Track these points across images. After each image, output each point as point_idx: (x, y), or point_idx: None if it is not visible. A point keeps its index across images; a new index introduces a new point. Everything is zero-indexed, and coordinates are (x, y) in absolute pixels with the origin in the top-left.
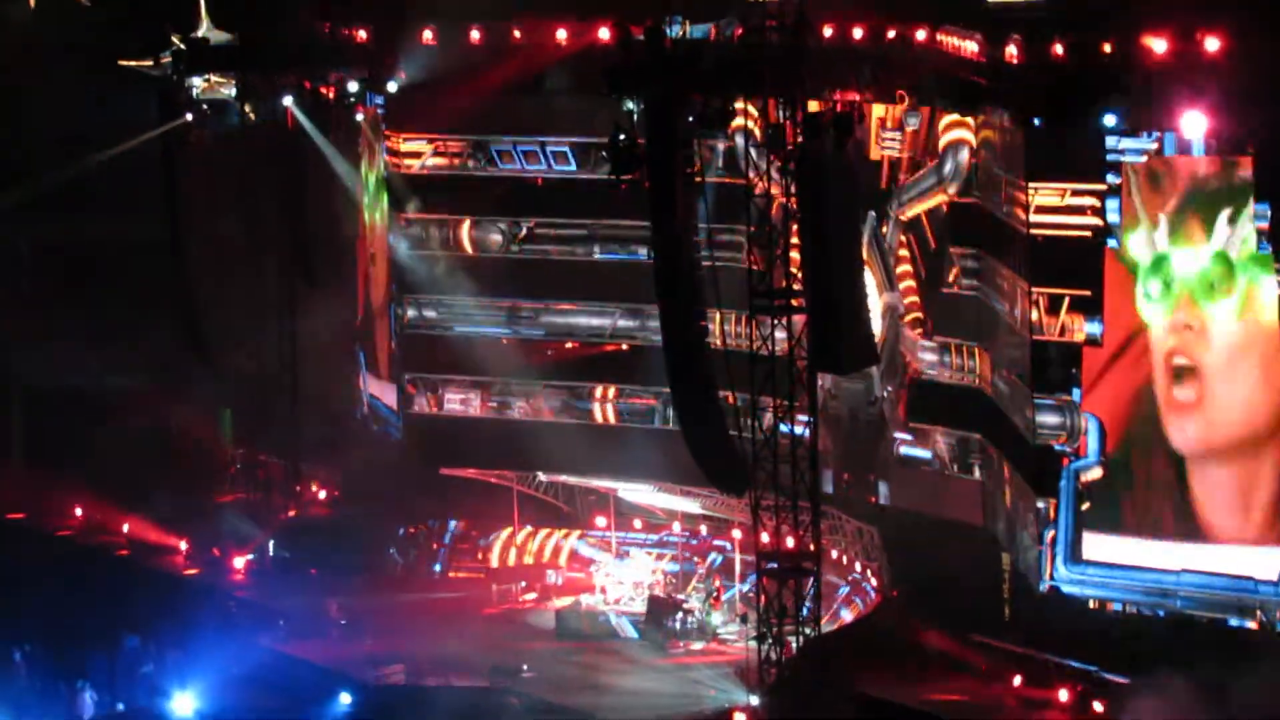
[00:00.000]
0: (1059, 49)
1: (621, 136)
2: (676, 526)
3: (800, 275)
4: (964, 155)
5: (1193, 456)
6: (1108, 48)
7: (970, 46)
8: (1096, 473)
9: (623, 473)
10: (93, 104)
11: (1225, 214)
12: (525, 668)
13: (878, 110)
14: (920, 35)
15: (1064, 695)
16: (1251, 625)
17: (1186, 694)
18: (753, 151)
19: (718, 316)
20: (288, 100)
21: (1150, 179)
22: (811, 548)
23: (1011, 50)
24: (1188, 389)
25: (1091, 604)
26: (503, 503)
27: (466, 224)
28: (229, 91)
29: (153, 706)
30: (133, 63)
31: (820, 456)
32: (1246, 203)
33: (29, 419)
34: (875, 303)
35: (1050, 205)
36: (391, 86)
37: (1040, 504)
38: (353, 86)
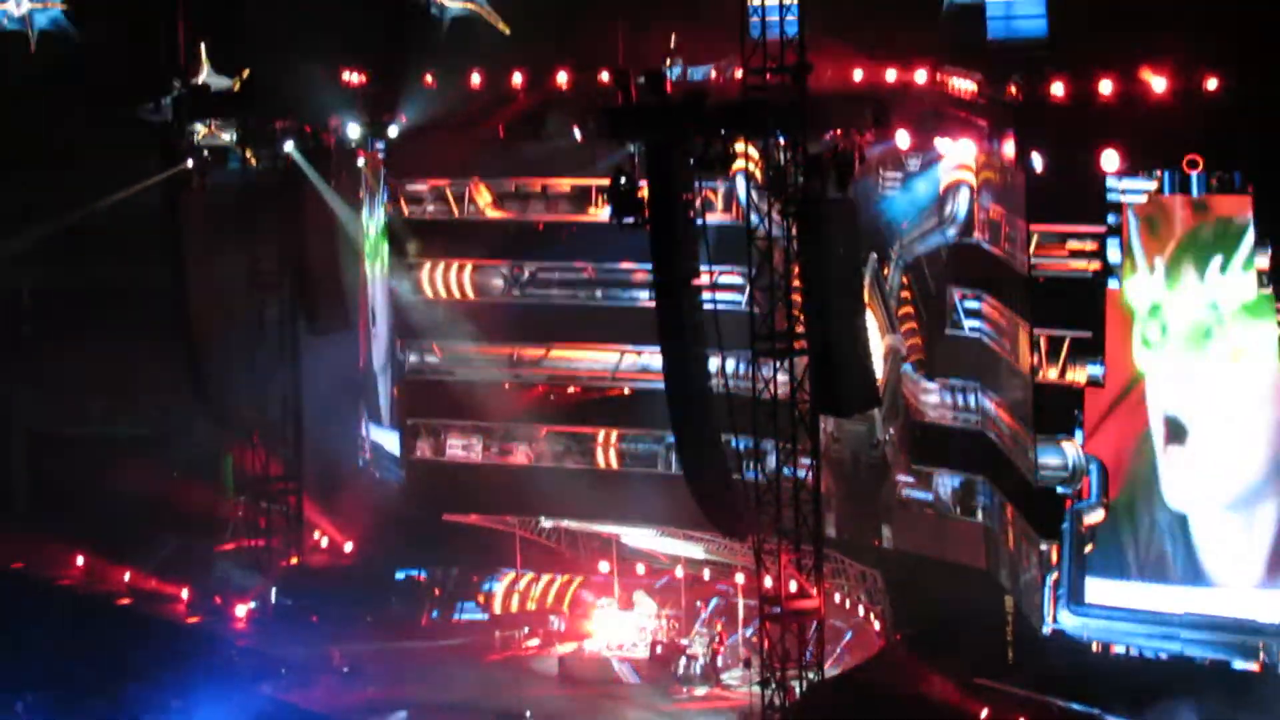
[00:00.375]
0: (1058, 88)
1: (623, 180)
2: (679, 571)
3: (802, 317)
4: (964, 196)
5: (1190, 510)
6: (1107, 87)
7: (970, 86)
8: (1099, 515)
9: (625, 517)
10: (94, 150)
11: (1217, 261)
12: (528, 714)
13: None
14: (920, 76)
15: None
16: (1254, 667)
17: None
18: (754, 193)
19: (720, 359)
20: (288, 146)
21: (1148, 223)
22: (814, 591)
23: (1011, 90)
24: (1182, 443)
25: (1095, 646)
26: (505, 548)
27: (468, 268)
28: (230, 137)
29: None
30: (134, 109)
31: (823, 499)
32: (1238, 249)
33: (30, 466)
34: (877, 345)
35: (1051, 246)
36: (392, 131)
37: (1043, 546)
38: (353, 132)
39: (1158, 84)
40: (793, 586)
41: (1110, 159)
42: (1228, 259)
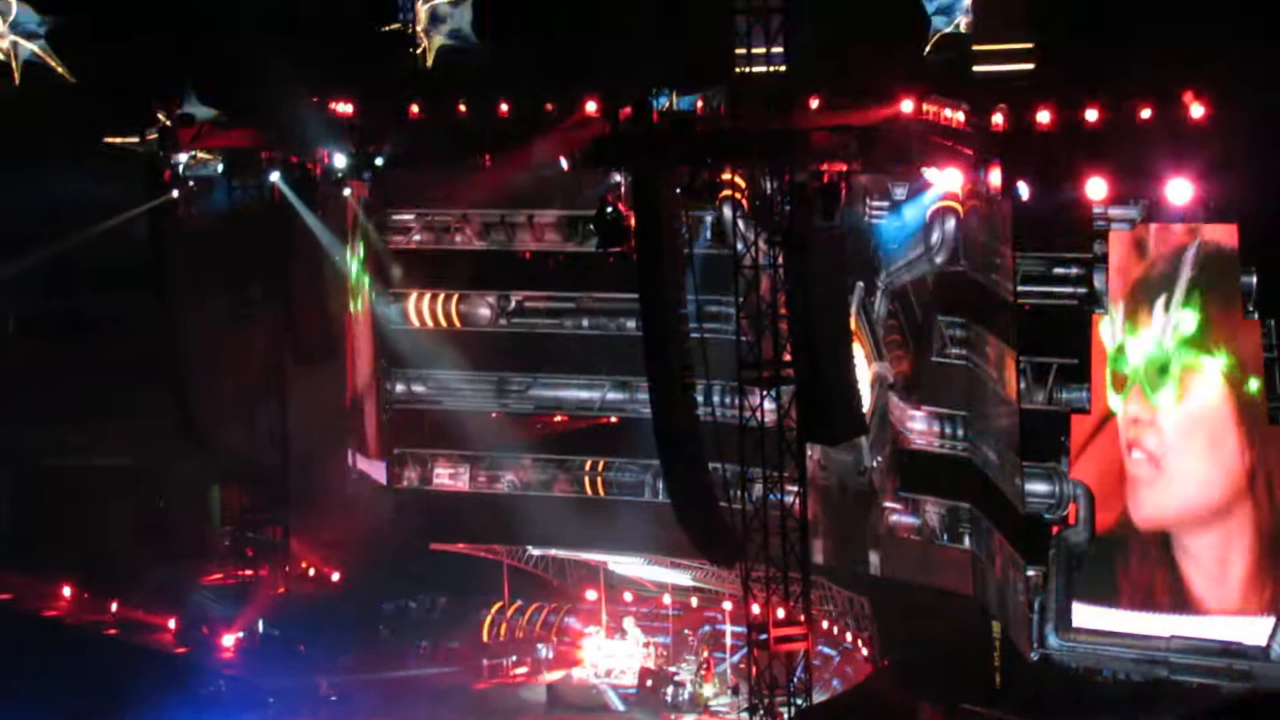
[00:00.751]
0: (1044, 117)
1: (609, 209)
2: (667, 599)
3: (789, 346)
4: (951, 224)
5: (1149, 528)
6: (1092, 114)
7: (957, 116)
8: (1085, 540)
9: (613, 546)
10: (80, 180)
11: (1161, 301)
12: None
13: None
14: (907, 106)
15: None
16: (1242, 690)
17: None
18: (740, 223)
19: (707, 388)
20: (275, 176)
21: (1132, 252)
22: (802, 618)
23: (998, 119)
24: (1143, 474)
25: (1082, 672)
26: (493, 577)
27: (455, 298)
28: (216, 168)
29: None
30: (119, 139)
31: (810, 527)
32: (1177, 285)
33: (16, 496)
34: (864, 372)
35: (1037, 274)
36: (379, 161)
37: (1030, 572)
38: (340, 162)
39: (1143, 111)
40: (780, 614)
41: (1096, 187)
42: (1170, 298)
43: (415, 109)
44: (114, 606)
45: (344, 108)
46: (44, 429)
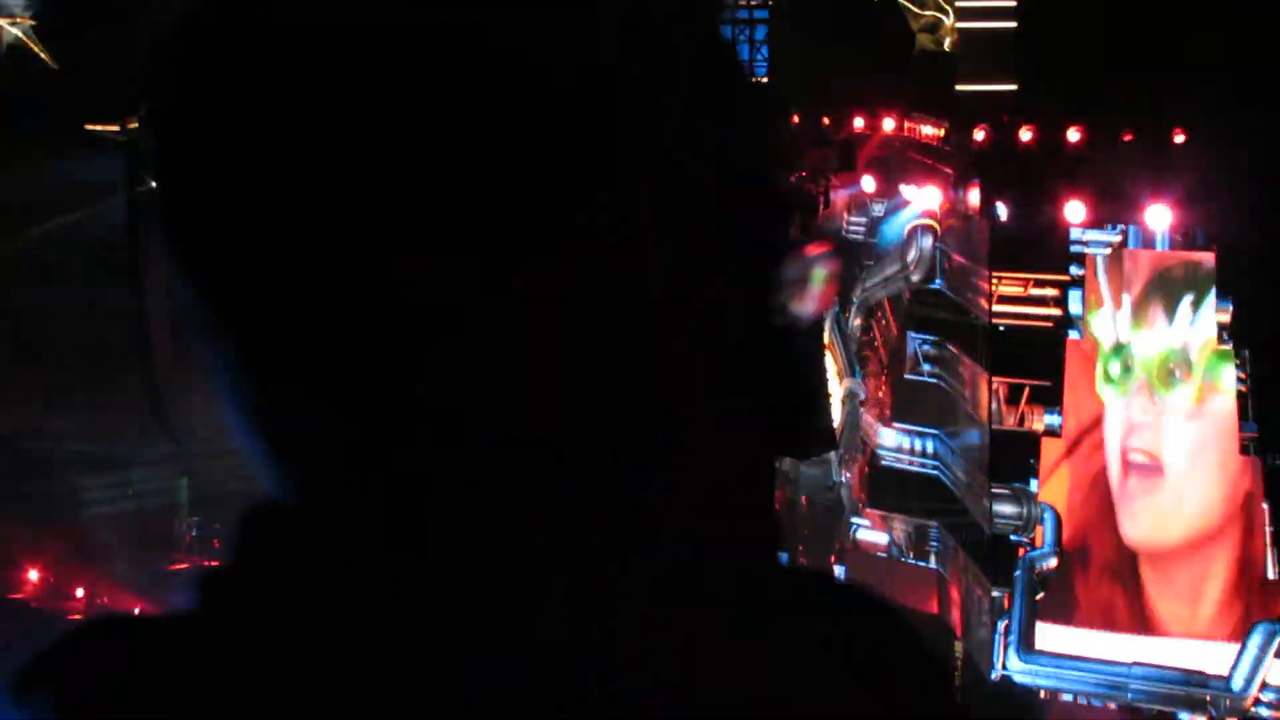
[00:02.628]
0: (1025, 135)
1: None
2: None
3: None
4: (928, 242)
5: (1144, 550)
6: (1074, 136)
7: (937, 133)
8: (1052, 563)
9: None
10: (59, 168)
11: (1188, 300)
12: None
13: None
14: (888, 123)
15: None
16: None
17: None
18: None
19: None
20: None
21: (1117, 259)
22: None
23: (978, 137)
24: (1143, 483)
25: (1043, 694)
26: None
27: None
28: None
29: None
30: (99, 127)
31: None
32: (1209, 290)
33: None
34: (835, 388)
35: (1013, 295)
36: None
37: (995, 593)
38: None
39: (1125, 135)
40: None
41: (1075, 210)
42: (1200, 298)
43: None
44: (80, 592)
45: None
46: (13, 416)
